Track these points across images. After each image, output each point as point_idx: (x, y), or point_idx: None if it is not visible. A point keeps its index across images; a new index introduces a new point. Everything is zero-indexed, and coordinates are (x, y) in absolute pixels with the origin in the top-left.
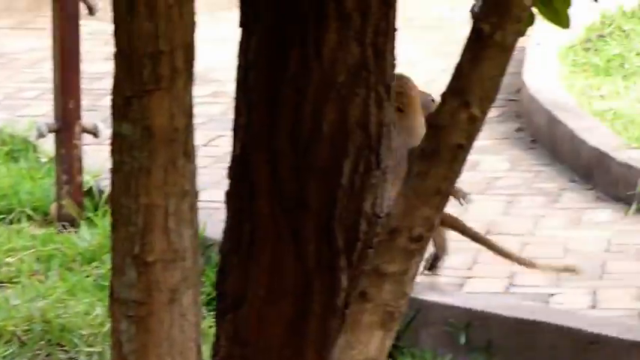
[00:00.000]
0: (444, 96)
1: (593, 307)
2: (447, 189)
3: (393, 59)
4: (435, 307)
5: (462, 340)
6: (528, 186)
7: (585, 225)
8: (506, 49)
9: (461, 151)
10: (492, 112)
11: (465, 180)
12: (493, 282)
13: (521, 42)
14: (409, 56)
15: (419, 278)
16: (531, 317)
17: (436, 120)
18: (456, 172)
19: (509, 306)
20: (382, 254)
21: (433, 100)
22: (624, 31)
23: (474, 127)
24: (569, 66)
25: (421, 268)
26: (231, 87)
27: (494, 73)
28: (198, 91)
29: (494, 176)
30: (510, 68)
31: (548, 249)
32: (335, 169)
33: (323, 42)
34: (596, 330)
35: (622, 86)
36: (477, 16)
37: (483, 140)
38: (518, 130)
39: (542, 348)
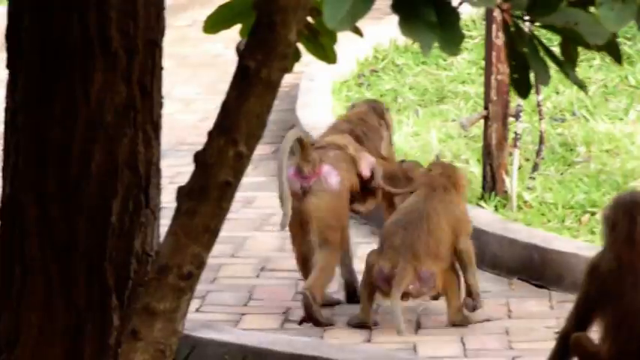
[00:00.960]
0: (210, 134)
1: (368, 341)
2: (215, 226)
3: (160, 98)
4: (210, 344)
5: None
6: None
7: (362, 259)
8: (272, 86)
9: (229, 189)
10: (266, 149)
11: (240, 217)
12: (268, 318)
13: (295, 78)
14: (184, 94)
15: (194, 315)
16: (305, 352)
17: (204, 158)
18: (224, 210)
19: (284, 341)
20: (152, 292)
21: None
22: (397, 65)
23: (241, 164)
24: (342, 101)
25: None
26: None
27: (260, 110)
28: None
29: (268, 212)
30: (284, 105)
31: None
32: (104, 208)
33: (90, 81)
34: None
35: (395, 120)
36: (243, 53)
37: (258, 177)
38: None
39: None
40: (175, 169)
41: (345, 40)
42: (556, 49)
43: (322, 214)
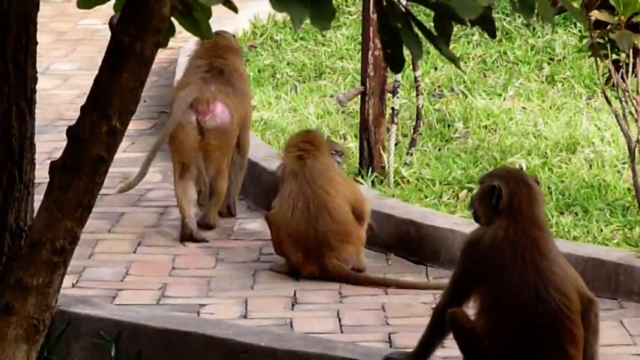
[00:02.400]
0: (83, 109)
1: (245, 316)
2: (88, 201)
3: (35, 73)
4: (85, 320)
5: (112, 352)
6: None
7: (237, 235)
8: (146, 61)
9: (102, 163)
10: (145, 125)
11: (117, 193)
12: (145, 294)
13: (173, 54)
14: (62, 70)
15: (69, 291)
16: (181, 328)
17: (76, 133)
18: (97, 184)
19: (159, 317)
20: (25, 267)
21: (341, 153)
22: (276, 41)
23: (114, 139)
24: None
25: None
26: None
27: (133, 85)
28: None
29: (146, 188)
30: (162, 80)
31: (200, 259)
32: None
33: None
34: (245, 339)
35: (273, 96)
36: (116, 28)
37: (136, 152)
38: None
39: (193, 358)
40: (53, 145)
41: (222, 16)
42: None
43: (216, 148)
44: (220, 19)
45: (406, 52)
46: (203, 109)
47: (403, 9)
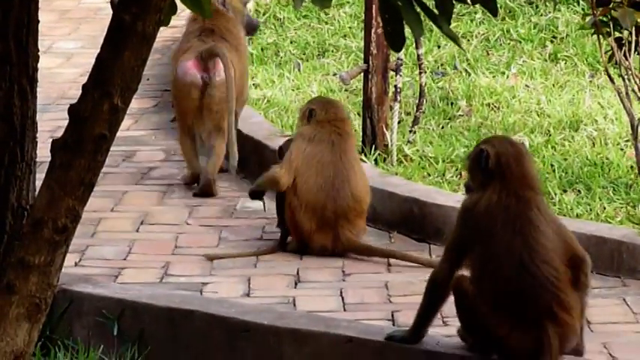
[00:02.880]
0: (85, 87)
1: (247, 295)
2: (90, 179)
3: (37, 51)
4: (87, 299)
5: (115, 330)
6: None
7: (240, 213)
8: (148, 39)
9: (104, 142)
10: (148, 103)
11: (120, 171)
12: (147, 272)
13: (176, 32)
14: (66, 48)
15: (72, 270)
16: (184, 306)
17: (78, 111)
18: (99, 163)
19: (162, 295)
20: (27, 246)
21: None
22: (279, 19)
23: (116, 117)
24: None
25: None
26: None
27: (135, 64)
28: None
29: (149, 166)
30: (165, 59)
31: (203, 237)
32: None
33: None
34: (248, 318)
35: (276, 74)
36: (118, 6)
37: (138, 131)
38: (173, 120)
39: (195, 336)
40: (56, 123)
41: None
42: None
43: (219, 105)
44: None
45: (408, 30)
46: (207, 66)
47: None
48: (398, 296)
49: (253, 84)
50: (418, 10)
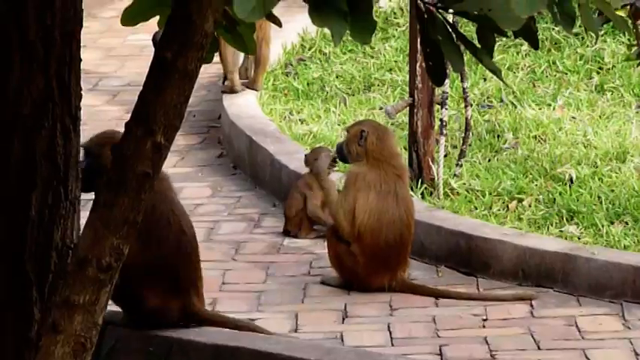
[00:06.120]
0: (128, 125)
1: (295, 330)
2: (134, 218)
3: (79, 90)
4: (134, 337)
5: None
6: (230, 212)
7: (286, 249)
8: (190, 77)
9: (147, 180)
10: (194, 139)
11: None
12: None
13: (221, 68)
14: (112, 86)
15: (118, 308)
16: (230, 343)
17: (121, 149)
18: (143, 201)
19: (209, 332)
20: (72, 285)
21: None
22: (324, 54)
23: (159, 155)
24: (270, 90)
25: None
26: None
27: (177, 101)
28: None
29: (195, 203)
30: (211, 95)
31: (251, 273)
32: (23, 202)
33: (7, 74)
34: (295, 354)
35: (322, 109)
36: (159, 44)
37: (185, 167)
38: (220, 156)
39: None
40: None
41: (270, 29)
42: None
43: None
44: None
45: None
46: None
47: (445, 22)
48: (446, 330)
49: (299, 119)
50: (458, 43)
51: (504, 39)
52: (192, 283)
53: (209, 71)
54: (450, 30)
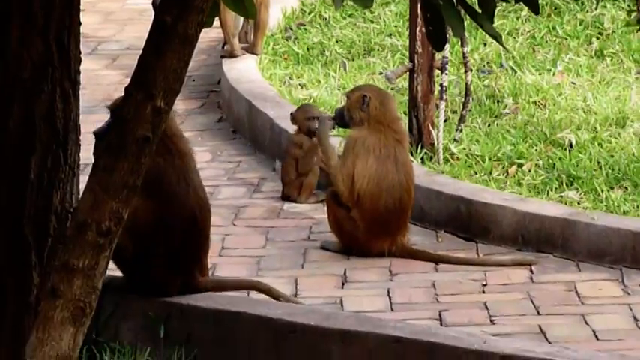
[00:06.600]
0: (127, 89)
1: (295, 295)
2: (134, 182)
3: (79, 54)
4: (134, 301)
5: (162, 332)
6: (229, 176)
7: (286, 214)
8: (190, 41)
9: (147, 144)
10: (194, 104)
11: None
12: None
13: (221, 32)
14: (111, 50)
15: (118, 272)
16: (231, 308)
17: (121, 113)
18: (142, 165)
19: (209, 297)
20: (71, 249)
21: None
22: (324, 19)
23: (159, 119)
24: (269, 55)
25: None
26: None
27: (177, 65)
28: None
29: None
30: (211, 60)
31: (250, 238)
32: (23, 166)
33: (7, 38)
34: (295, 319)
35: (322, 74)
36: (159, 8)
37: (185, 132)
38: (219, 120)
39: (243, 338)
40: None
41: None
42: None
43: None
44: None
45: None
46: None
47: None
48: (445, 295)
49: (299, 84)
50: (459, 8)
51: (504, 4)
52: (198, 259)
53: (209, 35)
54: None
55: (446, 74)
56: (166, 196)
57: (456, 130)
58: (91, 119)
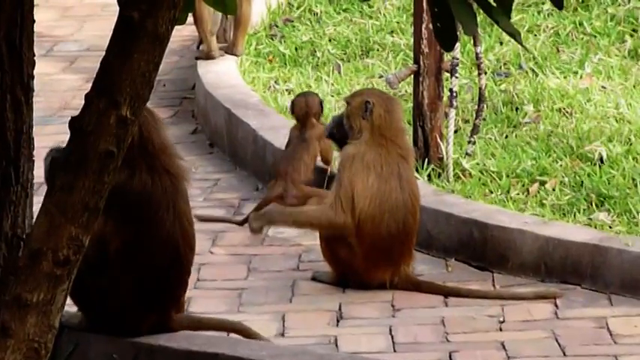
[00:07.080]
0: (88, 96)
1: (282, 334)
2: (95, 203)
3: (32, 55)
4: (95, 341)
5: None
6: (206, 197)
7: (272, 240)
8: (160, 40)
9: (111, 159)
10: (165, 113)
11: None
12: None
13: (196, 31)
14: (69, 51)
15: (76, 308)
16: (207, 349)
17: (80, 124)
18: (106, 184)
19: (181, 337)
20: (24, 282)
21: None
22: (315, 14)
23: (124, 131)
24: (252, 56)
25: None
26: None
27: (146, 68)
28: None
29: None
30: (184, 61)
31: (230, 268)
32: None
33: None
34: None
35: (313, 78)
36: (125, 2)
37: None
38: (194, 132)
39: None
40: (58, 138)
41: None
42: None
43: None
44: None
45: None
46: None
47: None
48: (456, 334)
49: (286, 89)
50: (471, 2)
51: None
52: (177, 297)
53: (182, 34)
54: None
55: (456, 78)
56: (149, 223)
57: (468, 142)
58: (45, 131)
